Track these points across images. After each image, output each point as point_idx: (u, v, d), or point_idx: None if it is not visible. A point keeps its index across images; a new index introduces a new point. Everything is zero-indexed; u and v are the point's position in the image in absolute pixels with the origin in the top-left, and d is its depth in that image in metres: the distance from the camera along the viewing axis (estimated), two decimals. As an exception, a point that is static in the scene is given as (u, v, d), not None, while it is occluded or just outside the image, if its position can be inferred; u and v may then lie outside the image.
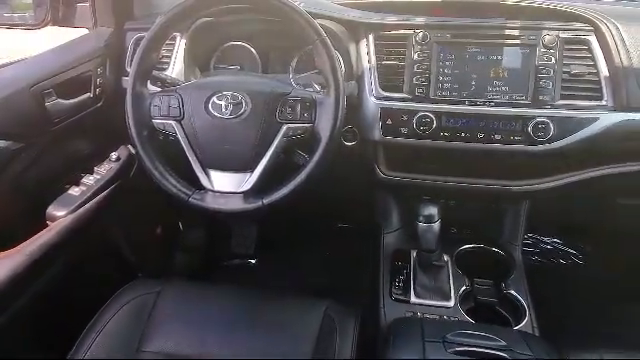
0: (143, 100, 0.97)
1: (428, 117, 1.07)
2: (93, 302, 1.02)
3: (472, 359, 0.72)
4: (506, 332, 0.83)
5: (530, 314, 1.08)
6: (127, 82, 0.96)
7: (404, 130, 1.10)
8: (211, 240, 1.85)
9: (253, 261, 1.92)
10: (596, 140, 1.04)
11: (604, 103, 1.04)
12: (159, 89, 1.04)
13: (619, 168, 1.12)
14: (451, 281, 1.16)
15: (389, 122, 1.10)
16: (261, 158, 0.93)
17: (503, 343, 0.75)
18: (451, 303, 1.12)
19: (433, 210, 1.05)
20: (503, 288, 1.16)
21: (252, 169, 0.93)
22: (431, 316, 1.09)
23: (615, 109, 1.04)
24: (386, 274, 1.20)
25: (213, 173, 0.95)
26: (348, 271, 1.71)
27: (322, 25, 1.08)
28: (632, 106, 1.03)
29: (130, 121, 0.96)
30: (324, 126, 0.91)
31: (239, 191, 0.93)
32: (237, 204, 0.93)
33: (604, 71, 1.04)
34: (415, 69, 1.09)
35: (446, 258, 1.20)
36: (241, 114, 0.92)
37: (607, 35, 1.04)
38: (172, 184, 0.95)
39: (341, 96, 0.90)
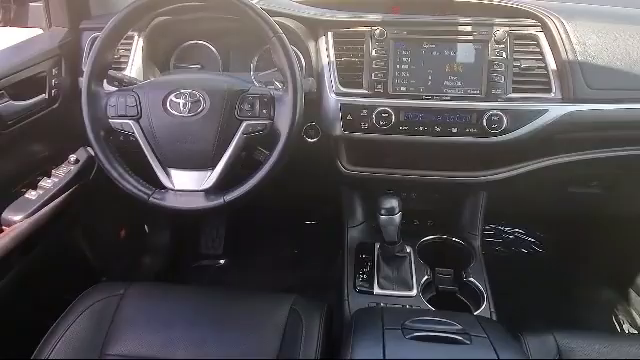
0: (99, 100, 0.96)
1: (387, 112, 1.10)
2: (55, 308, 1.00)
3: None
4: (463, 317, 0.86)
5: (488, 300, 1.13)
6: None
7: (364, 125, 1.12)
8: (178, 242, 1.83)
9: (222, 261, 1.92)
10: (546, 131, 1.09)
11: (553, 95, 1.09)
12: (116, 89, 1.03)
13: (568, 157, 1.17)
14: (413, 271, 1.19)
15: (349, 118, 1.12)
16: (222, 155, 0.93)
17: (459, 327, 0.78)
18: (413, 292, 1.15)
19: (394, 203, 1.07)
20: (463, 276, 1.19)
21: (213, 167, 0.94)
22: (394, 306, 1.12)
23: (563, 101, 1.08)
24: (350, 267, 1.22)
25: (173, 172, 0.95)
26: (316, 267, 1.73)
27: (280, 23, 1.09)
28: (578, 98, 1.08)
29: (86, 121, 0.95)
30: (283, 122, 0.92)
31: (200, 189, 0.94)
32: (198, 202, 0.93)
33: (552, 65, 1.09)
34: (373, 65, 1.11)
35: (408, 249, 1.22)
36: (200, 112, 0.93)
37: (554, 31, 1.08)
38: (132, 184, 0.95)
39: (299, 92, 0.92)
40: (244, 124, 0.93)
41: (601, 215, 1.55)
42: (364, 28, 1.13)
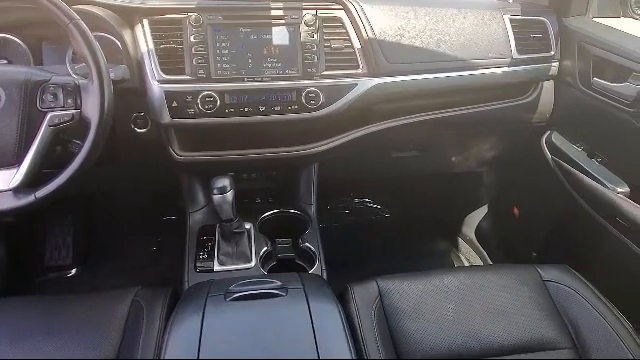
0: None
1: (211, 96, 1.13)
2: None
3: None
4: (287, 275, 0.93)
5: (320, 260, 1.23)
6: None
7: (191, 111, 1.13)
8: (15, 257, 1.67)
9: (73, 271, 1.80)
10: (359, 102, 1.21)
11: (360, 71, 1.21)
12: None
13: (384, 125, 1.33)
14: (252, 245, 1.24)
15: (175, 104, 1.13)
16: (27, 151, 0.88)
17: (279, 283, 0.85)
18: (252, 264, 1.20)
19: (225, 182, 1.11)
20: (300, 243, 1.29)
21: (19, 164, 0.88)
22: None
23: (369, 75, 1.22)
24: (192, 250, 1.24)
25: (-28, 174, 0.88)
26: (174, 261, 1.71)
27: (86, 11, 1.07)
28: (381, 72, 1.22)
29: None
30: (91, 111, 0.90)
31: (7, 189, 0.88)
32: (5, 202, 0.87)
33: (356, 44, 1.21)
34: (193, 51, 1.13)
35: (248, 225, 1.27)
36: None
37: (354, 14, 1.21)
38: None
39: (105, 80, 0.90)
40: (49, 115, 0.89)
41: (424, 175, 1.77)
42: (180, 15, 1.14)
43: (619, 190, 1.19)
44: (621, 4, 1.38)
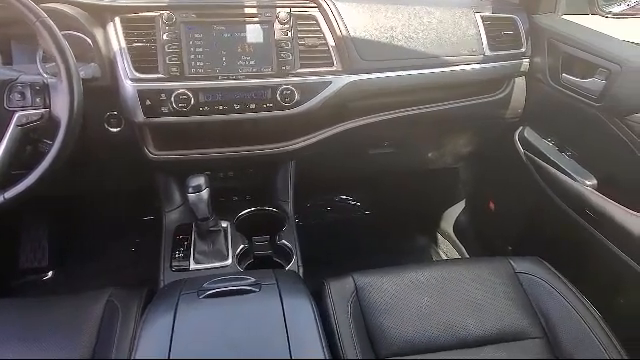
0: None
1: (185, 94, 1.12)
2: None
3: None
4: (261, 272, 0.93)
5: (296, 256, 1.24)
6: None
7: (165, 109, 1.13)
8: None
9: (50, 273, 1.78)
10: (335, 99, 1.22)
11: (335, 68, 1.22)
12: None
13: (360, 122, 1.34)
14: (229, 243, 1.24)
15: (148, 103, 1.12)
16: None
17: (253, 280, 0.85)
18: (228, 262, 1.20)
19: (200, 180, 1.11)
20: (277, 240, 1.29)
21: None
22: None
23: (344, 72, 1.22)
24: (167, 249, 1.23)
25: (-63, 175, 0.86)
26: (154, 261, 1.70)
27: (55, 9, 1.05)
28: (355, 69, 1.23)
29: None
30: (61, 110, 0.89)
31: None
32: None
33: (331, 41, 1.22)
34: (166, 49, 1.12)
35: (225, 224, 1.27)
36: None
37: (328, 11, 1.21)
38: None
39: (74, 78, 0.89)
40: (16, 115, 0.88)
41: (401, 171, 1.79)
42: (152, 13, 1.13)
43: (588, 183, 1.22)
44: (589, 2, 1.41)
